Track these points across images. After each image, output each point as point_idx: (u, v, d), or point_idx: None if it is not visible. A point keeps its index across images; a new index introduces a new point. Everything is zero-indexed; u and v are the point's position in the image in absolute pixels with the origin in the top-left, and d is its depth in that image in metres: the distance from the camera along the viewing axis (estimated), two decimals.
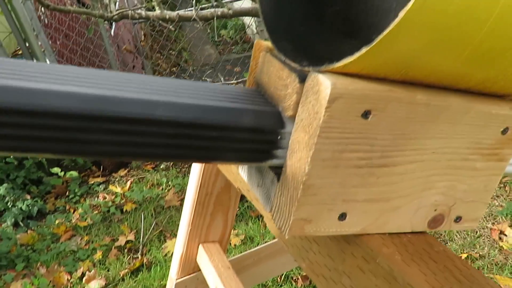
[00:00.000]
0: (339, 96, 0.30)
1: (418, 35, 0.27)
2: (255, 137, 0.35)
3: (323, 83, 0.30)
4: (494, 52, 0.30)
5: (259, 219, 2.30)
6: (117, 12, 1.71)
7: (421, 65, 0.31)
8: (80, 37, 2.99)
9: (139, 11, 1.77)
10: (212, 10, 1.84)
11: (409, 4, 0.24)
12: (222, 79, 2.62)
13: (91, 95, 0.29)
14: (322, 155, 0.32)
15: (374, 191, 0.37)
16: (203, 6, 1.90)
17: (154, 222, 2.30)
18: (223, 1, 2.39)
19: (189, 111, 0.32)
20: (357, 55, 0.28)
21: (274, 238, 1.89)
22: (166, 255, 2.09)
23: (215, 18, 1.83)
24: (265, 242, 1.05)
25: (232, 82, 2.59)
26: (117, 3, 3.26)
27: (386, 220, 0.40)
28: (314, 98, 0.31)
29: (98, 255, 2.07)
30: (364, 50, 0.28)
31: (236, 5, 2.82)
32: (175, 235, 2.19)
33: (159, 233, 2.25)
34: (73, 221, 2.35)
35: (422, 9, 0.25)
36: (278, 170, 0.37)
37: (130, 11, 1.73)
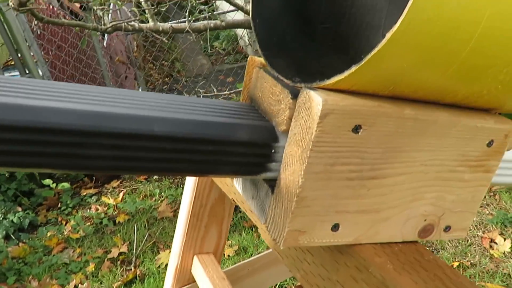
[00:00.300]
0: (330, 112, 0.31)
1: (405, 55, 0.28)
2: (249, 151, 0.36)
3: (314, 99, 0.31)
4: (478, 69, 0.32)
5: (252, 230, 2.30)
6: (111, 24, 1.72)
7: (408, 81, 0.32)
8: (73, 48, 2.99)
9: (132, 23, 1.79)
10: (205, 22, 1.86)
11: (395, 27, 0.26)
12: (215, 89, 2.63)
13: (89, 111, 0.30)
14: (315, 168, 0.34)
15: (365, 202, 0.38)
16: (196, 17, 1.92)
17: (147, 234, 2.29)
18: (216, 13, 2.41)
19: (185, 126, 0.33)
20: (347, 73, 0.30)
21: (268, 248, 1.89)
22: (159, 266, 2.07)
23: (207, 30, 1.85)
24: (259, 253, 1.05)
25: (225, 92, 2.61)
26: (110, 15, 3.28)
27: (378, 230, 0.41)
28: (306, 114, 0.32)
29: (91, 267, 2.06)
30: (353, 68, 0.29)
31: (229, 17, 2.85)
32: (169, 247, 2.18)
33: (152, 245, 2.23)
34: (65, 233, 2.33)
35: (407, 31, 0.26)
36: (272, 183, 0.38)
37: (123, 23, 1.74)
